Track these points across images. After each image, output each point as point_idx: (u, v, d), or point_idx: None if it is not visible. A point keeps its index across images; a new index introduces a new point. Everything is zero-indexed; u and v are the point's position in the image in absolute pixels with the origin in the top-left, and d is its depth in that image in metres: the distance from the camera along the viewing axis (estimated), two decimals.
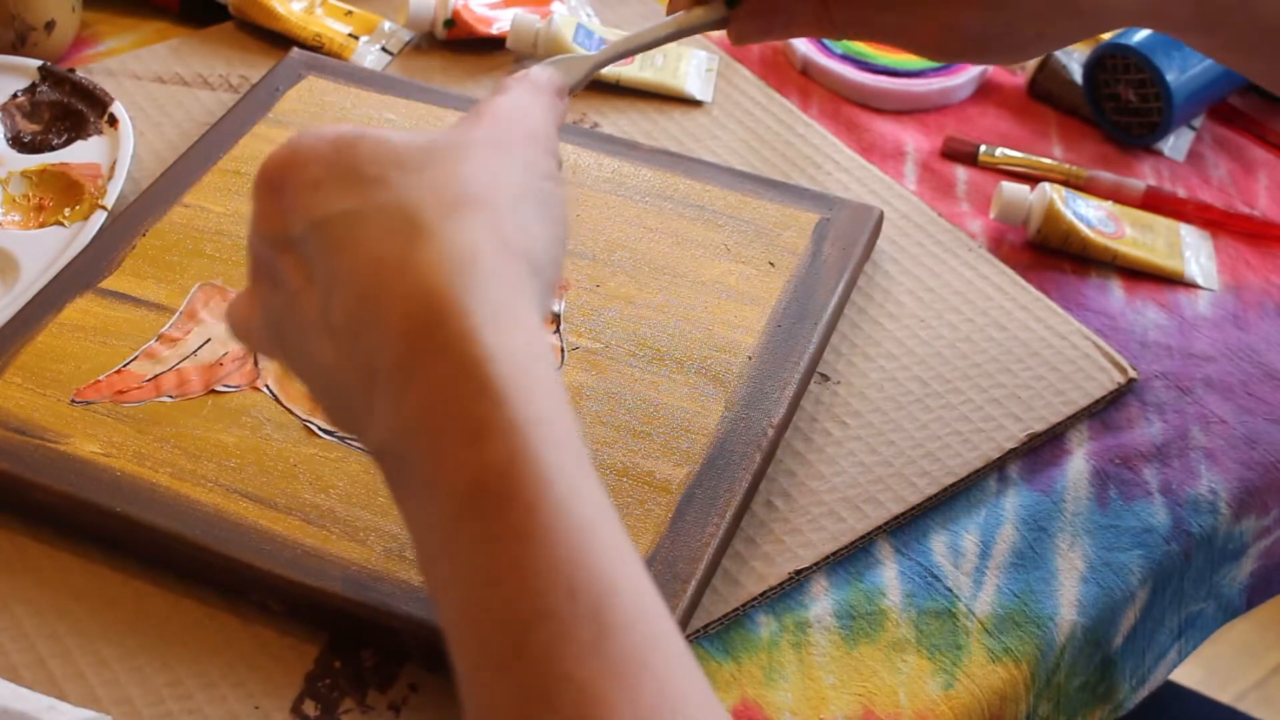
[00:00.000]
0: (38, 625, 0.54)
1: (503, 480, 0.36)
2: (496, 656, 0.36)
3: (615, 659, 0.35)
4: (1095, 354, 0.68)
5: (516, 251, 0.40)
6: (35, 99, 0.76)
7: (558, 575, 0.36)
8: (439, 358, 0.37)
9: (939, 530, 0.61)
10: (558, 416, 0.38)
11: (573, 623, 0.35)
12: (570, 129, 0.75)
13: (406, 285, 0.38)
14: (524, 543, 0.36)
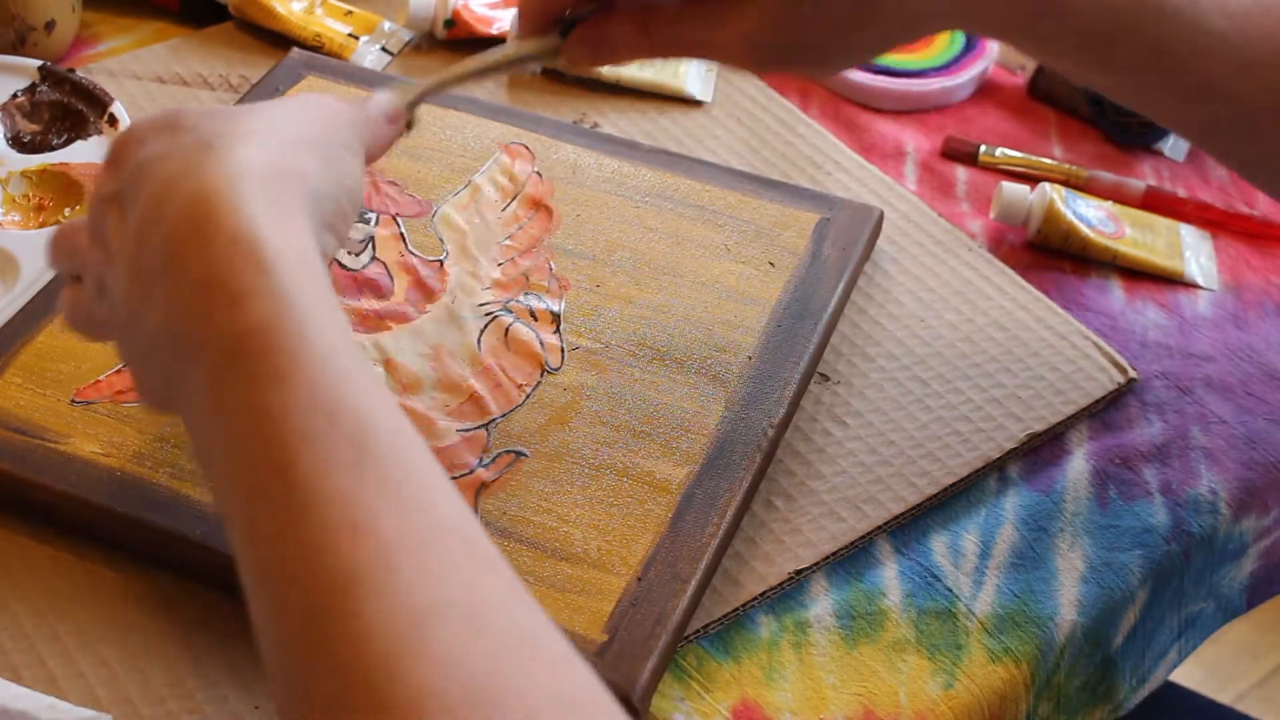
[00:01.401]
0: (38, 625, 0.54)
1: (265, 335, 0.39)
2: (263, 484, 0.38)
3: (377, 475, 0.38)
4: (1095, 354, 0.68)
5: (292, 174, 0.44)
6: (35, 99, 0.76)
7: (318, 407, 0.38)
8: (211, 242, 0.41)
9: (939, 530, 0.61)
10: (321, 294, 0.41)
11: (334, 446, 0.37)
12: (570, 129, 0.75)
13: (186, 189, 0.42)
14: (286, 383, 0.38)
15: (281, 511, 0.37)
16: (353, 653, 0.35)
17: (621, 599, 0.54)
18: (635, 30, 0.55)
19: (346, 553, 0.36)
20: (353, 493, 0.37)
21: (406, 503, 0.38)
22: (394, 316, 0.64)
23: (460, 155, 0.72)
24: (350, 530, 0.36)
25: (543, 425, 0.60)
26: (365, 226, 0.68)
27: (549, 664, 0.37)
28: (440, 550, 0.37)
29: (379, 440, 0.38)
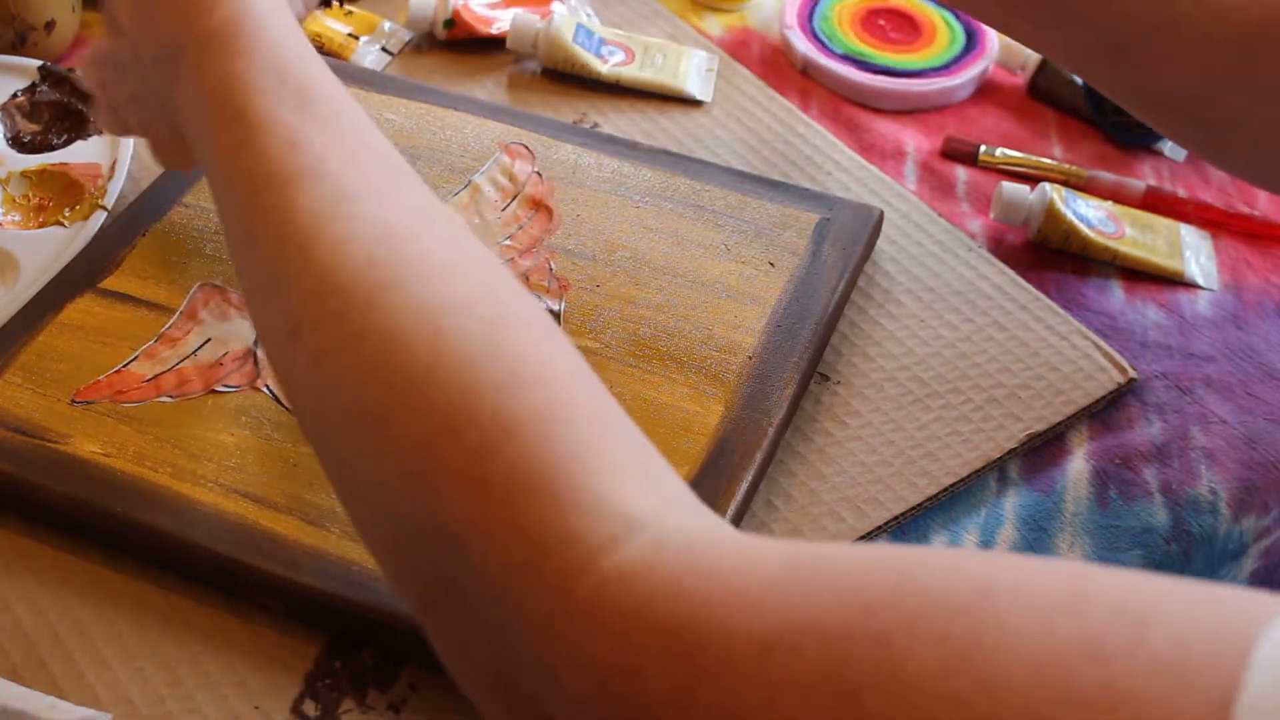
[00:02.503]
0: (38, 625, 0.54)
1: (231, 26, 0.49)
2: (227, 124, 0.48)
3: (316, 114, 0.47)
4: (1095, 354, 0.68)
5: None
6: (35, 99, 0.76)
7: (271, 70, 0.48)
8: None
9: (939, 530, 0.61)
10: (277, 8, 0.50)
11: (282, 95, 0.47)
12: (570, 129, 0.75)
13: None
14: (246, 56, 0.48)
15: (239, 140, 0.47)
16: (290, 224, 0.45)
17: None
18: None
19: (288, 160, 0.46)
20: (295, 123, 0.47)
21: (338, 132, 0.47)
22: None
23: (460, 155, 0.72)
24: (291, 146, 0.46)
25: None
26: None
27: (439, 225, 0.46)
28: (363, 160, 0.47)
29: (319, 95, 0.48)
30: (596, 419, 0.41)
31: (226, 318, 0.64)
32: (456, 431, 0.40)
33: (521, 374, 0.41)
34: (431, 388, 0.41)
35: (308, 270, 0.44)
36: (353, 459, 0.43)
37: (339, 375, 0.42)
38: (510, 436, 0.39)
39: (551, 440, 0.39)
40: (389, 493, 0.41)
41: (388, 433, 0.41)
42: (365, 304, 0.42)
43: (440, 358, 0.41)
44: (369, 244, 0.44)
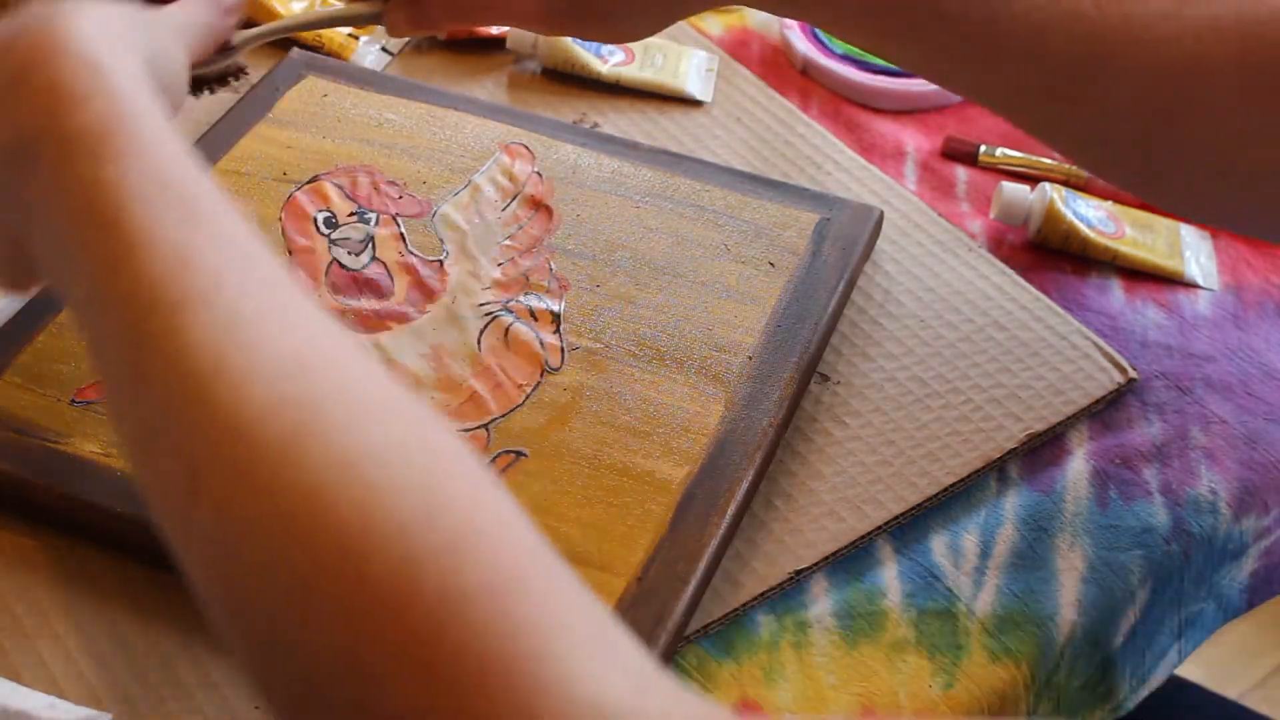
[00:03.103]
0: (38, 625, 0.54)
1: (103, 125, 0.43)
2: (97, 238, 0.41)
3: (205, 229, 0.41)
4: (1095, 354, 0.68)
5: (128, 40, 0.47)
6: None
7: (150, 176, 0.42)
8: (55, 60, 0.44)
9: (939, 530, 0.61)
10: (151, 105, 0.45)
11: (165, 205, 0.41)
12: (570, 129, 0.75)
13: (37, 31, 0.45)
14: (120, 160, 0.42)
15: (116, 258, 0.41)
16: (183, 357, 0.39)
17: (621, 599, 0.54)
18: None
19: (177, 282, 0.40)
20: (181, 239, 0.41)
21: (231, 249, 0.41)
22: (394, 316, 0.64)
23: (460, 155, 0.72)
24: (179, 265, 0.40)
25: (543, 425, 0.60)
26: (365, 226, 0.68)
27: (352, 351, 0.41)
28: (261, 281, 0.41)
29: (205, 205, 0.42)
30: (553, 587, 0.37)
31: None
32: (397, 609, 0.35)
33: (466, 538, 0.36)
34: (365, 556, 0.35)
35: (207, 413, 0.38)
36: (269, 629, 0.37)
37: (250, 534, 0.37)
38: (460, 614, 0.35)
39: (507, 617, 0.35)
40: (312, 665, 0.36)
41: (313, 602, 0.36)
42: (279, 453, 0.37)
43: (372, 520, 0.36)
44: (277, 380, 0.38)
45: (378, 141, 0.73)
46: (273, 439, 0.37)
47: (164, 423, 0.39)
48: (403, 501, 0.36)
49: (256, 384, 0.38)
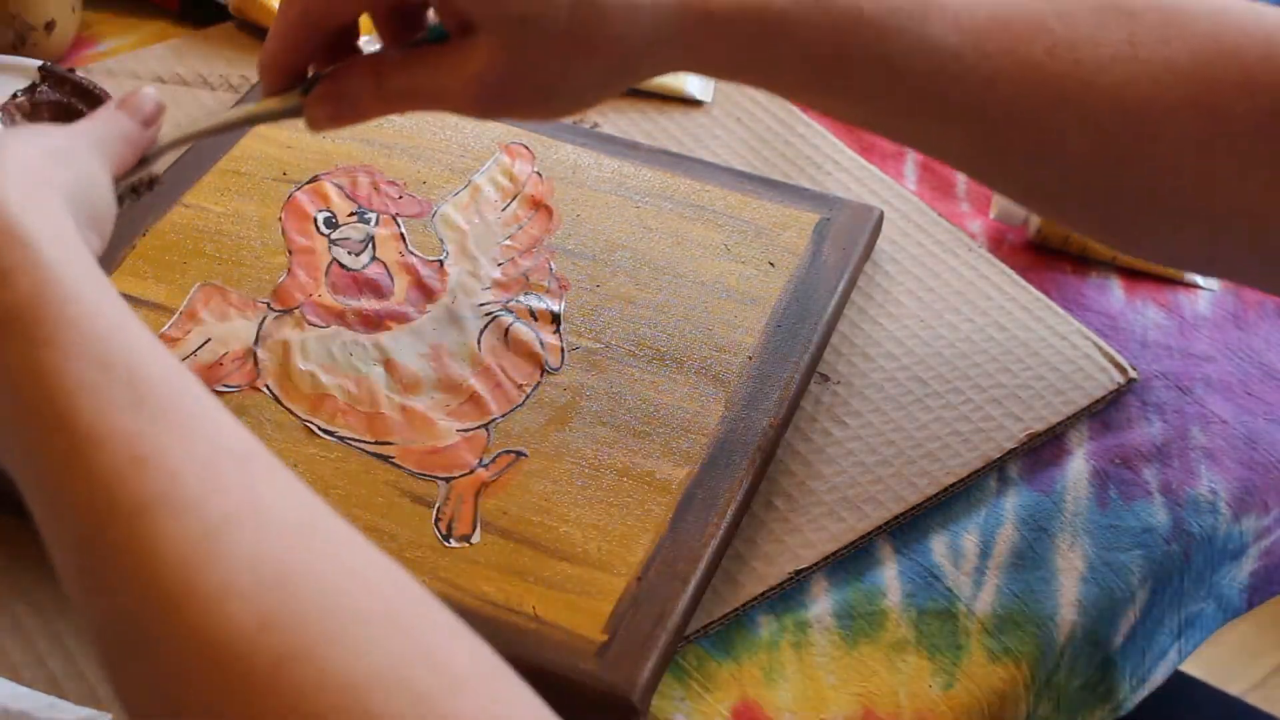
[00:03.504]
0: (38, 624, 0.54)
1: (32, 304, 0.40)
2: (45, 436, 0.39)
3: (155, 411, 0.39)
4: (1095, 354, 0.68)
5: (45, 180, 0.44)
6: (35, 99, 0.76)
7: (90, 359, 0.39)
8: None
9: (939, 530, 0.61)
10: (83, 262, 0.42)
11: (110, 391, 0.39)
12: (570, 129, 0.75)
13: None
14: (56, 343, 0.39)
15: (66, 456, 0.38)
16: (150, 571, 0.36)
17: (621, 599, 0.54)
18: (371, 82, 0.53)
19: (134, 483, 0.37)
20: (133, 429, 0.38)
21: (186, 432, 0.39)
22: (394, 316, 0.64)
23: (460, 155, 0.72)
24: (134, 463, 0.37)
25: (543, 425, 0.60)
26: (365, 226, 0.68)
27: (335, 544, 0.39)
28: (224, 469, 0.39)
29: (153, 382, 0.40)
30: None
31: (226, 318, 0.64)
32: None
33: None
34: None
35: (182, 636, 0.35)
36: None
37: None
38: None
39: None
40: None
41: None
42: (268, 681, 0.34)
43: None
44: (256, 596, 0.35)
45: (378, 141, 0.73)
46: (259, 666, 0.34)
47: (136, 638, 0.36)
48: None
49: (233, 602, 0.35)
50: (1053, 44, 0.52)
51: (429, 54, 0.53)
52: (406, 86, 0.53)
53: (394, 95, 0.53)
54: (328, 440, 0.59)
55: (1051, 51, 0.52)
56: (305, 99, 0.54)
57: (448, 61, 0.52)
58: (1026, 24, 0.52)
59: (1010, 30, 0.52)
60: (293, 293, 0.65)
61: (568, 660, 0.52)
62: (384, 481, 0.58)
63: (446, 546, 0.56)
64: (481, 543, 0.56)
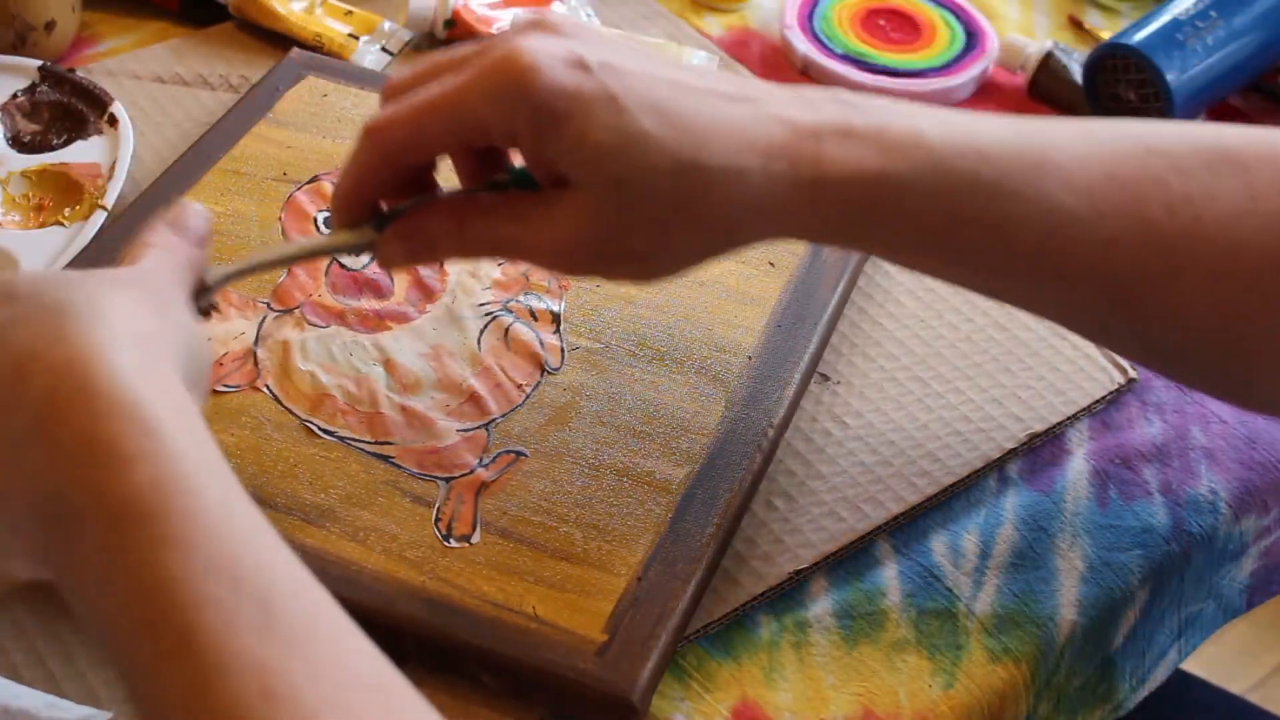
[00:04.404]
0: (38, 624, 0.54)
1: (155, 496, 0.38)
2: (168, 651, 0.37)
3: (285, 636, 0.37)
4: (1095, 354, 0.68)
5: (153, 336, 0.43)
6: (35, 99, 0.76)
7: (219, 570, 0.37)
8: (89, 405, 0.39)
9: (939, 530, 0.61)
10: (205, 448, 0.40)
11: (239, 610, 0.37)
12: None
13: (56, 353, 0.40)
14: (182, 547, 0.37)
15: (191, 680, 0.36)
16: None
17: (621, 599, 0.54)
18: (453, 226, 0.51)
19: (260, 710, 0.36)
20: (261, 656, 0.36)
21: (318, 662, 0.37)
22: (394, 316, 0.64)
23: None
24: (265, 697, 0.36)
25: (542, 425, 0.60)
26: None
27: None
28: (357, 705, 0.37)
29: (285, 600, 0.38)
30: None
31: (226, 318, 0.64)
32: None
33: None
34: None
35: None
36: None
37: None
38: None
39: None
40: None
41: None
42: None
43: None
44: None
45: None
46: None
47: None
48: None
49: None
50: (1169, 200, 0.50)
51: (516, 204, 0.51)
52: (491, 236, 0.51)
53: (476, 242, 0.51)
54: (328, 440, 0.59)
55: (1170, 209, 0.50)
56: (380, 235, 0.52)
57: (538, 216, 0.50)
58: (1142, 181, 0.51)
59: (1126, 189, 0.51)
60: (293, 293, 0.65)
61: (568, 660, 0.52)
62: (384, 481, 0.58)
63: (446, 546, 0.56)
64: (481, 543, 0.56)
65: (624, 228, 0.49)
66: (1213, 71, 0.80)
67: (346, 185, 0.51)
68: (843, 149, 0.49)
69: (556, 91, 0.47)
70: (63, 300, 0.42)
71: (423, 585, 0.54)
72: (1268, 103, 0.86)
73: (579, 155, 0.48)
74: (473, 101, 0.48)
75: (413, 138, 0.49)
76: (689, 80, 0.49)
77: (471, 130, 0.49)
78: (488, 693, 0.53)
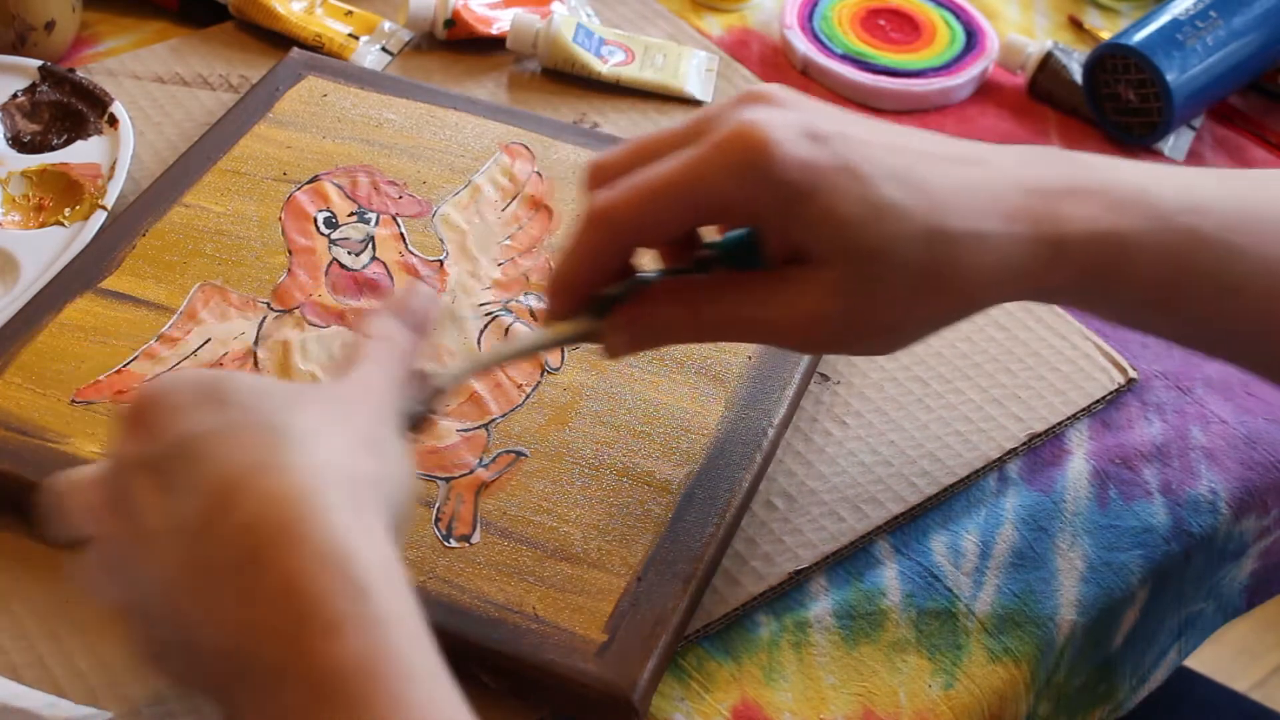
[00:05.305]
0: (38, 624, 0.54)
1: (365, 671, 0.37)
2: None
3: None
4: (1095, 354, 0.68)
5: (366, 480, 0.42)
6: (35, 99, 0.76)
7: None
8: (297, 550, 0.38)
9: (939, 530, 0.61)
10: (410, 614, 0.39)
11: None
12: (570, 129, 0.75)
13: (267, 484, 0.39)
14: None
15: None
16: None
17: (621, 599, 0.54)
18: (685, 313, 0.50)
19: None
20: None
21: None
22: None
23: (460, 155, 0.72)
24: None
25: (543, 425, 0.60)
26: (365, 226, 0.68)
27: None
28: None
29: None
30: None
31: (226, 318, 0.64)
32: None
33: None
34: None
35: None
36: None
37: None
38: None
39: None
40: None
41: None
42: None
43: None
44: None
45: (378, 141, 0.73)
46: None
47: None
48: None
49: None
50: None
51: (750, 284, 0.50)
52: (729, 319, 0.50)
53: (711, 327, 0.50)
54: None
55: None
56: (604, 324, 0.51)
57: (779, 295, 0.49)
58: None
59: None
60: (293, 292, 0.65)
61: (567, 660, 0.52)
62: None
63: (446, 546, 0.56)
64: (481, 543, 0.56)
65: (872, 300, 0.48)
66: (1213, 71, 0.80)
67: (568, 271, 0.50)
68: (1077, 208, 0.49)
69: (798, 166, 0.46)
70: (278, 423, 0.41)
71: (422, 585, 0.54)
72: (1268, 103, 0.86)
73: (826, 230, 0.47)
74: (711, 180, 0.47)
75: (647, 220, 0.48)
76: (919, 145, 0.49)
77: (709, 210, 0.48)
78: (488, 693, 0.53)
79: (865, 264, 0.47)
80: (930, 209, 0.47)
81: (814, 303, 0.48)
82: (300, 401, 0.43)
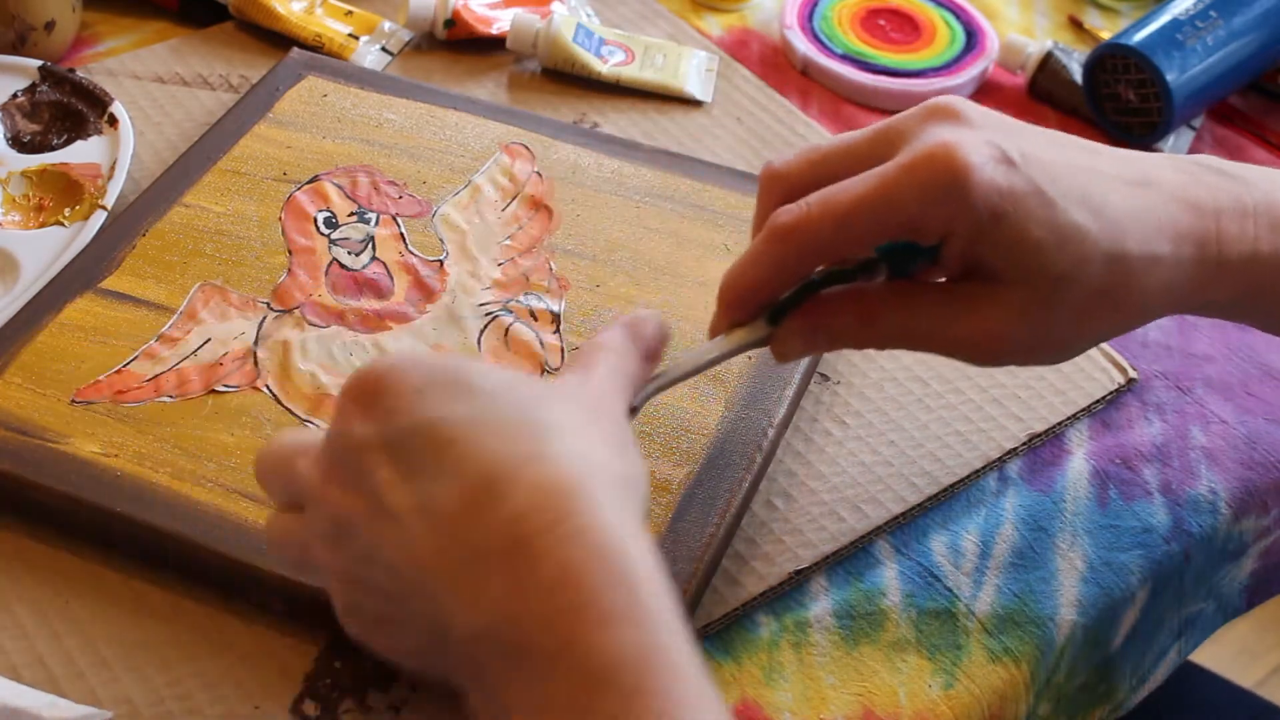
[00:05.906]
0: (38, 625, 0.54)
1: (638, 664, 0.37)
2: None
3: None
4: (1095, 354, 0.68)
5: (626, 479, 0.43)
6: (35, 99, 0.76)
7: None
8: (571, 542, 0.39)
9: (939, 530, 0.61)
10: (676, 615, 0.39)
11: None
12: (570, 129, 0.75)
13: (537, 475, 0.40)
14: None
15: None
16: None
17: None
18: (858, 321, 0.51)
19: None
20: None
21: None
22: (394, 316, 0.64)
23: (460, 155, 0.72)
24: None
25: None
26: (365, 226, 0.68)
27: None
28: None
29: None
30: None
31: (226, 318, 0.64)
32: None
33: None
34: None
35: None
36: None
37: None
38: None
39: None
40: None
41: None
42: None
43: None
44: None
45: (378, 141, 0.73)
46: None
47: None
48: None
49: None
50: None
51: (928, 296, 0.51)
52: (904, 329, 0.51)
53: (886, 337, 0.52)
54: None
55: None
56: (780, 330, 0.51)
57: (957, 309, 0.50)
58: None
59: None
60: (293, 292, 0.65)
61: None
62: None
63: None
64: None
65: (1052, 319, 0.50)
66: (1213, 71, 0.80)
67: (750, 281, 0.51)
68: (1241, 229, 0.52)
69: (993, 190, 0.48)
70: (537, 418, 0.41)
71: None
72: (1268, 103, 0.86)
73: (1015, 252, 0.48)
74: (906, 202, 0.48)
75: (839, 238, 0.49)
76: (1096, 165, 0.51)
77: (899, 227, 0.49)
78: None
79: (1050, 286, 0.49)
80: (1111, 233, 0.49)
81: (997, 322, 0.50)
82: (551, 397, 0.44)
